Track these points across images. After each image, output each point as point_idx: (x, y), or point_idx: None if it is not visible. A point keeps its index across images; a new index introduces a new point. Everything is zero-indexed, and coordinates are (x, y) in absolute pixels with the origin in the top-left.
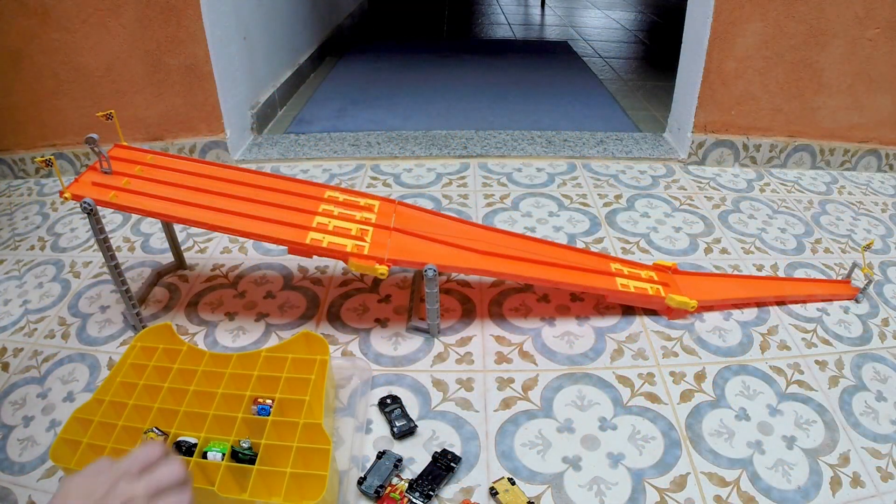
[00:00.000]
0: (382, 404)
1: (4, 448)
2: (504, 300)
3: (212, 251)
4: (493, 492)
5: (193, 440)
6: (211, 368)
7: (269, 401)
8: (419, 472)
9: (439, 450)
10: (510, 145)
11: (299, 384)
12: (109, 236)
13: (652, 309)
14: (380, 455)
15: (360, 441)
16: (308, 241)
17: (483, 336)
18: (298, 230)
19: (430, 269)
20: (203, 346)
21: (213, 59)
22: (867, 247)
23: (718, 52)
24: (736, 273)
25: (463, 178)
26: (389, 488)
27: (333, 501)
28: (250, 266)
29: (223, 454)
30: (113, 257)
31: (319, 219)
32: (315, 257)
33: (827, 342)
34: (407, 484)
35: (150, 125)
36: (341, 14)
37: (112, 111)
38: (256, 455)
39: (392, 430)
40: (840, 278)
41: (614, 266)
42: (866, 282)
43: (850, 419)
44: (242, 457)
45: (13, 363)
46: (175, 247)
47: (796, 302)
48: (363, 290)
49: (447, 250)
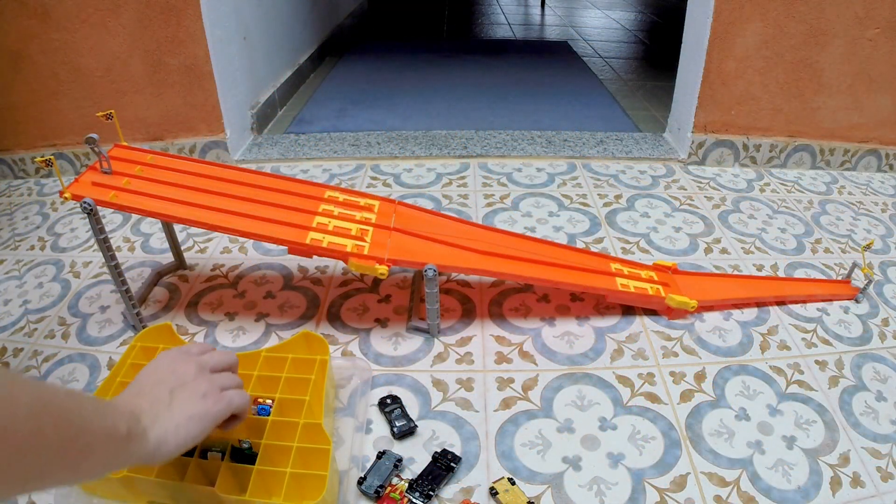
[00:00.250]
0: (382, 404)
1: None
2: (504, 300)
3: (212, 251)
4: (493, 492)
5: None
6: None
7: (269, 401)
8: (419, 472)
9: (439, 450)
10: (510, 145)
11: (299, 384)
12: (109, 236)
13: (652, 309)
14: (380, 455)
15: (360, 441)
16: (308, 241)
17: (483, 336)
18: (298, 230)
19: (430, 269)
20: None
21: (213, 59)
22: (867, 247)
23: (718, 52)
24: (736, 273)
25: (463, 178)
26: (389, 488)
27: (333, 501)
28: (250, 266)
29: (223, 454)
30: (113, 257)
31: (319, 219)
32: (315, 257)
33: (827, 342)
34: (407, 484)
35: (150, 125)
36: (341, 14)
37: (112, 111)
38: (256, 455)
39: (392, 430)
40: (840, 278)
41: (614, 266)
42: (866, 282)
43: (850, 419)
44: (243, 456)
45: (13, 363)
46: (175, 247)
47: (796, 302)
48: (363, 290)
49: (447, 250)
